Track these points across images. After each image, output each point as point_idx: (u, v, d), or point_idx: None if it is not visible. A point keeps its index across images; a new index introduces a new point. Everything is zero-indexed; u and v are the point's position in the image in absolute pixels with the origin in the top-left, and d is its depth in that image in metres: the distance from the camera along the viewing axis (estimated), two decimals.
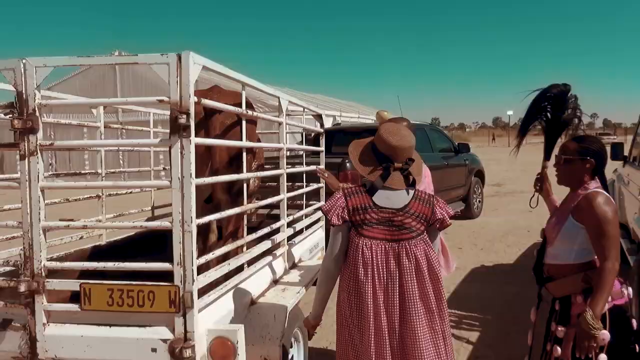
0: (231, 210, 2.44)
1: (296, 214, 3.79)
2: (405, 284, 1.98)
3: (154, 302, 1.99)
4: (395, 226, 2.00)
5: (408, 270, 1.99)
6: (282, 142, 3.21)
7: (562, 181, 2.28)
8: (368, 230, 2.00)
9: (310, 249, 4.05)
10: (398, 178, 2.05)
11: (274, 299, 2.72)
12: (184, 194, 1.96)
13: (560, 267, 2.23)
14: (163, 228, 2.03)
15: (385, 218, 2.00)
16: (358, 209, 2.01)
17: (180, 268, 1.98)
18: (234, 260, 2.46)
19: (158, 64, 1.94)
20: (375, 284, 1.98)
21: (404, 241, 2.00)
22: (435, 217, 2.05)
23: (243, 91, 2.61)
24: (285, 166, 3.25)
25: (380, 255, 1.99)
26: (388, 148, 2.05)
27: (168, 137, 1.95)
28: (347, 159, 5.92)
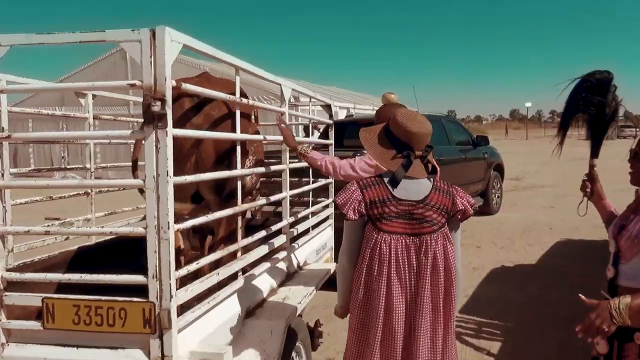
0: (218, 213, 2.14)
1: (302, 213, 3.50)
2: (419, 282, 1.87)
3: (125, 320, 1.71)
4: (416, 219, 1.87)
5: (425, 267, 1.86)
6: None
7: (634, 180, 1.90)
8: (387, 225, 1.86)
9: (318, 250, 3.75)
10: (419, 167, 1.92)
11: (271, 311, 2.42)
12: (160, 195, 1.67)
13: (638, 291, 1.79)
14: (136, 235, 1.74)
15: (404, 211, 1.86)
16: (376, 201, 1.87)
17: (156, 282, 1.69)
18: (225, 268, 2.16)
19: (128, 41, 1.64)
20: (391, 282, 1.85)
21: (425, 235, 1.87)
22: (456, 208, 1.92)
23: (237, 76, 2.29)
24: (288, 161, 2.94)
25: (400, 251, 1.86)
26: (406, 134, 1.91)
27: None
28: (358, 152, 5.59)
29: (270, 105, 3.02)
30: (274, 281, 2.77)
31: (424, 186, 1.91)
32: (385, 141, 1.97)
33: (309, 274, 3.13)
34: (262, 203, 2.80)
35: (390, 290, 1.85)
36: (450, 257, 1.90)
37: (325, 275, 3.15)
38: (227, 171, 2.26)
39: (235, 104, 2.30)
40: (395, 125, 1.94)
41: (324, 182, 3.97)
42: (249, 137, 2.57)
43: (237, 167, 2.34)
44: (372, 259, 1.87)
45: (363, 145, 2.02)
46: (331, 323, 4.11)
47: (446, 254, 1.89)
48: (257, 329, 2.26)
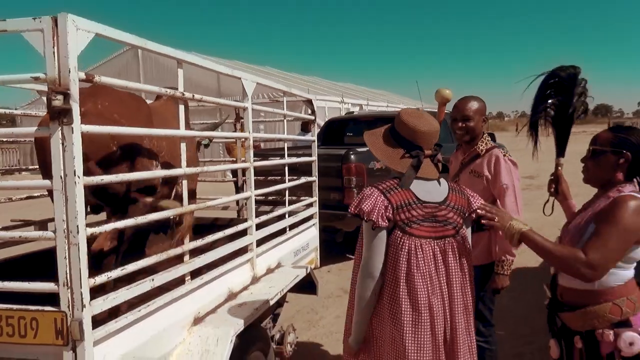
0: (150, 216, 2.00)
1: (275, 212, 3.36)
2: (451, 285, 1.80)
3: (37, 331, 1.60)
4: (439, 222, 1.80)
5: (454, 269, 1.80)
6: (246, 131, 2.76)
7: (588, 178, 1.89)
8: (416, 229, 1.77)
9: (296, 250, 3.60)
10: (430, 167, 1.84)
11: (221, 318, 2.28)
12: (68, 196, 1.54)
13: (578, 293, 1.81)
14: (44, 239, 1.62)
15: (429, 214, 1.79)
16: (402, 206, 1.77)
17: (67, 290, 1.57)
18: (162, 274, 2.02)
19: (30, 30, 1.52)
20: (429, 291, 1.76)
21: (449, 238, 1.81)
22: (471, 208, 1.88)
23: (180, 70, 2.15)
24: (252, 159, 2.80)
25: (431, 255, 1.78)
26: (414, 134, 1.82)
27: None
28: (352, 150, 5.45)
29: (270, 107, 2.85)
30: (234, 285, 2.63)
31: (442, 187, 1.85)
32: (391, 142, 1.87)
33: (278, 277, 2.99)
34: (212, 203, 2.64)
35: (430, 298, 1.74)
36: (470, 256, 1.86)
37: (294, 278, 3.00)
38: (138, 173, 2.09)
39: (181, 99, 2.17)
40: (402, 124, 1.84)
41: (304, 180, 3.82)
42: (152, 132, 2.35)
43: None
44: (411, 269, 1.74)
45: (369, 148, 1.92)
46: (312, 329, 3.98)
47: (468, 255, 1.85)
48: (202, 338, 2.13)
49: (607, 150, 1.82)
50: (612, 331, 1.74)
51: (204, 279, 2.34)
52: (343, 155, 5.35)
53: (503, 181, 2.62)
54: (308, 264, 3.76)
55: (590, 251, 1.67)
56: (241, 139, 2.74)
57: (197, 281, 2.29)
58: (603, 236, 1.68)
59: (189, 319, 2.19)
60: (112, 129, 1.91)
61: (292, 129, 11.86)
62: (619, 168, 1.82)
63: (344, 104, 17.12)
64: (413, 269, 1.74)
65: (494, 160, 2.67)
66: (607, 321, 1.75)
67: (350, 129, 7.50)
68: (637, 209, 1.68)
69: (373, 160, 5.47)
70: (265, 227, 3.12)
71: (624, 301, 1.74)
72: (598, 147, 1.85)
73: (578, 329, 1.82)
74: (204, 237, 2.41)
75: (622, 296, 1.75)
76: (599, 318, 1.76)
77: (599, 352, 1.76)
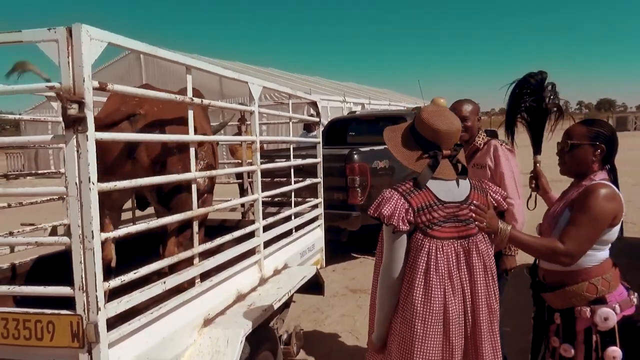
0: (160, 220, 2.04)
1: (281, 214, 3.39)
2: (474, 285, 1.78)
3: (54, 334, 1.64)
4: (462, 221, 1.78)
5: (478, 269, 1.78)
6: (254, 134, 2.79)
7: (566, 171, 2.02)
8: (438, 231, 1.75)
9: (302, 252, 3.63)
10: (448, 167, 1.81)
11: (231, 319, 2.31)
12: (83, 202, 1.58)
13: (557, 275, 1.95)
14: (60, 244, 1.65)
15: (451, 214, 1.78)
16: (423, 208, 1.74)
17: (82, 294, 1.60)
18: (174, 277, 2.06)
19: (45, 41, 1.55)
20: (446, 292, 1.74)
21: (472, 237, 1.79)
22: (491, 205, 1.89)
23: (189, 75, 2.19)
24: (259, 161, 2.83)
25: (452, 257, 1.76)
26: (434, 134, 1.79)
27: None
28: (355, 150, 5.47)
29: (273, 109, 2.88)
30: (243, 287, 2.66)
31: (463, 186, 1.83)
32: (411, 141, 1.84)
33: (286, 278, 3.02)
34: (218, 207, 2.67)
35: (446, 300, 1.73)
36: (492, 256, 1.85)
37: (302, 279, 3.03)
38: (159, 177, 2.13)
39: (188, 105, 2.20)
40: (421, 123, 1.81)
41: (310, 181, 3.85)
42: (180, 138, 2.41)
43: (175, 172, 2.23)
44: (428, 270, 1.72)
45: (387, 145, 1.89)
46: (319, 328, 4.01)
47: (489, 254, 1.83)
48: (212, 339, 2.16)
49: (584, 143, 1.93)
50: (589, 308, 1.88)
51: (214, 281, 2.38)
52: (346, 155, 5.37)
53: (502, 167, 2.79)
54: (314, 264, 3.80)
55: (566, 240, 1.83)
56: (247, 141, 2.76)
57: (207, 283, 2.33)
58: (577, 224, 1.83)
59: (200, 321, 2.22)
60: (125, 136, 1.94)
61: (295, 130, 11.93)
62: (594, 159, 1.94)
63: (346, 104, 17.13)
64: (431, 270, 1.72)
65: (492, 150, 2.85)
66: (585, 299, 1.89)
67: (353, 128, 7.52)
68: (606, 196, 1.82)
69: (376, 160, 5.49)
70: (272, 229, 3.16)
71: (599, 280, 1.88)
72: (575, 141, 1.95)
73: (558, 308, 1.97)
74: (213, 239, 2.44)
75: (597, 276, 1.88)
76: (577, 297, 1.90)
77: (574, 327, 1.91)
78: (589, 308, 1.88)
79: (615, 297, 1.88)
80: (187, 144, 2.25)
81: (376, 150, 5.62)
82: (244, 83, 2.66)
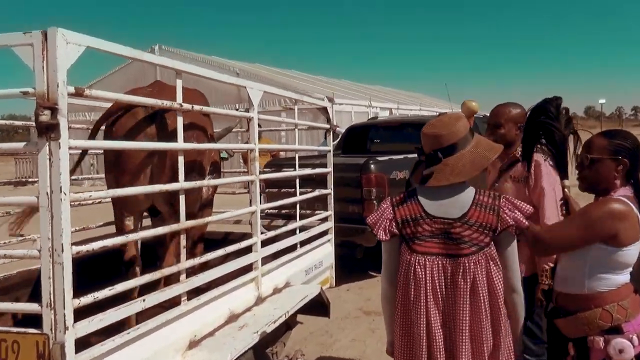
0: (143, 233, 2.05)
1: (285, 227, 3.39)
2: (457, 309, 1.78)
3: (18, 354, 1.65)
4: (453, 239, 1.79)
5: (462, 291, 1.77)
6: (252, 142, 2.80)
7: (586, 187, 1.98)
8: (420, 245, 1.81)
9: (308, 269, 3.61)
10: (440, 172, 1.81)
11: (220, 341, 2.31)
12: (54, 214, 1.60)
13: (570, 299, 1.92)
14: (29, 257, 1.68)
15: (440, 230, 1.80)
16: (408, 220, 1.83)
17: (50, 311, 1.62)
18: (155, 294, 2.07)
19: (20, 45, 1.59)
20: (429, 308, 1.79)
21: (463, 257, 1.78)
22: (505, 224, 1.80)
23: (178, 80, 2.21)
24: (257, 171, 2.83)
25: (436, 274, 1.80)
26: (423, 141, 1.89)
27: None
28: (372, 159, 5.43)
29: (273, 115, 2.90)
30: (236, 306, 2.66)
31: (462, 200, 1.81)
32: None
33: (285, 298, 3.00)
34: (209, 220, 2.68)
35: (429, 318, 1.78)
36: (496, 281, 1.78)
37: (303, 299, 3.01)
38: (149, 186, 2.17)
39: (178, 111, 2.22)
40: None
41: (318, 192, 3.84)
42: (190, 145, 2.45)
43: (197, 177, 2.26)
44: (408, 284, 1.82)
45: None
46: (325, 353, 3.97)
47: (490, 279, 1.78)
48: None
49: (605, 157, 1.89)
50: (602, 338, 1.81)
51: (202, 300, 2.38)
52: (362, 165, 5.34)
53: (543, 185, 2.69)
54: (322, 283, 3.77)
55: (549, 228, 1.90)
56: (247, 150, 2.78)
57: (195, 302, 2.33)
58: (567, 220, 1.87)
59: (184, 342, 2.22)
60: (101, 143, 1.97)
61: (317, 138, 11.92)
62: (616, 175, 1.89)
63: (371, 108, 17.12)
64: (410, 285, 1.80)
65: (533, 165, 2.72)
66: (598, 327, 1.83)
67: (373, 135, 7.48)
68: (613, 212, 1.78)
69: (395, 170, 5.44)
70: (273, 244, 3.15)
71: (615, 307, 1.82)
72: (595, 155, 1.91)
73: (571, 336, 1.91)
74: (204, 254, 2.45)
75: (612, 302, 1.83)
76: (589, 324, 1.84)
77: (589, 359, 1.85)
78: (602, 338, 1.82)
79: (634, 327, 1.81)
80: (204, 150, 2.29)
81: (395, 160, 5.57)
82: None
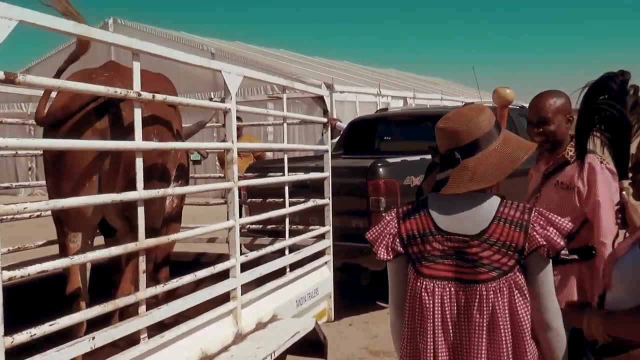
0: (91, 254, 2.07)
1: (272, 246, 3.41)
2: (472, 349, 1.79)
3: None
4: (468, 261, 1.80)
5: (478, 327, 1.78)
6: (229, 140, 2.82)
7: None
8: (428, 267, 1.83)
9: (300, 298, 3.63)
10: (457, 177, 1.82)
11: None
12: None
13: None
14: None
15: (453, 249, 1.81)
16: (415, 236, 1.85)
17: None
18: (106, 332, 2.08)
19: None
20: (437, 347, 1.80)
21: (480, 284, 1.78)
22: (534, 245, 1.78)
23: (136, 62, 2.23)
24: (236, 177, 2.85)
25: (446, 303, 1.81)
26: (437, 138, 1.90)
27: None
28: (380, 162, 5.47)
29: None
30: (210, 345, 2.68)
31: (483, 213, 1.82)
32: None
33: (271, 335, 3.02)
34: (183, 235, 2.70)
35: (437, 352, 1.80)
36: (521, 315, 1.79)
37: (293, 335, 3.02)
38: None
39: (136, 101, 2.25)
40: None
41: (311, 203, 3.86)
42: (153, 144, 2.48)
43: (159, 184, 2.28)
44: (413, 312, 1.85)
45: None
46: None
47: (514, 312, 1.79)
48: None
49: None
50: None
51: (166, 337, 2.40)
52: (368, 169, 5.36)
53: (599, 195, 2.67)
54: (317, 316, 3.79)
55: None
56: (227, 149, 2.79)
57: (157, 339, 2.35)
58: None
59: None
60: (35, 142, 1.98)
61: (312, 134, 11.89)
62: None
63: (380, 97, 17.19)
64: (416, 314, 1.82)
65: (587, 169, 2.73)
66: None
67: (383, 131, 7.53)
68: None
69: (410, 175, 5.47)
70: (256, 267, 3.17)
71: None
72: None
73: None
74: (169, 280, 2.47)
75: None
76: None
77: None
78: None
79: None
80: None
81: (410, 162, 5.61)
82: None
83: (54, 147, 2.43)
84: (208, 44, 18.00)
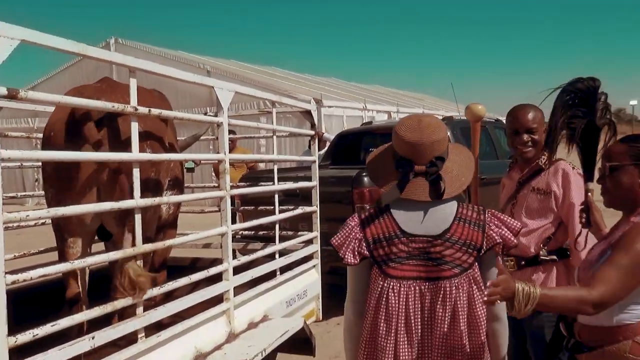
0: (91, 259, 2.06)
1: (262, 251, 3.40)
2: (434, 337, 1.82)
3: None
4: (432, 260, 1.82)
5: (440, 319, 1.81)
6: (221, 152, 2.83)
7: (610, 201, 2.01)
8: (395, 269, 1.83)
9: (290, 299, 3.63)
10: (419, 186, 1.85)
11: None
12: None
13: (595, 331, 1.94)
14: None
15: (418, 249, 1.83)
16: (381, 239, 1.85)
17: None
18: (106, 332, 2.07)
19: None
20: (399, 340, 1.81)
21: (444, 280, 1.81)
22: (491, 242, 1.84)
23: (132, 79, 2.24)
24: (228, 186, 2.86)
25: (410, 302, 1.82)
26: (404, 147, 1.87)
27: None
28: (365, 172, 5.47)
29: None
30: (204, 344, 2.67)
31: (443, 215, 1.85)
32: (387, 157, 1.95)
33: (262, 334, 3.01)
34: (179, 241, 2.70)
35: (397, 350, 1.81)
36: (478, 308, 1.82)
37: (283, 334, 3.02)
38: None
39: (133, 115, 2.25)
40: (395, 137, 1.91)
41: (300, 210, 3.87)
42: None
43: (150, 193, 2.28)
44: (378, 313, 1.84)
45: (368, 170, 2.04)
46: None
47: (472, 304, 1.82)
48: None
49: (625, 164, 1.92)
50: None
51: (163, 336, 2.39)
52: (354, 178, 5.38)
53: (572, 197, 2.70)
54: (306, 316, 3.79)
55: (596, 285, 1.78)
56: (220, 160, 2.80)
57: (154, 339, 2.34)
58: (613, 267, 1.80)
59: None
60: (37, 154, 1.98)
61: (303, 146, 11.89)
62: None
63: (366, 112, 17.23)
64: (381, 315, 1.82)
65: (561, 174, 2.77)
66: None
67: (368, 143, 7.54)
68: None
69: None
70: (248, 271, 3.17)
71: None
72: (615, 162, 1.95)
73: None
74: (166, 283, 2.46)
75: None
76: (618, 358, 1.86)
77: None
78: None
79: None
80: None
81: None
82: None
83: (53, 158, 2.43)
84: (204, 62, 17.98)
